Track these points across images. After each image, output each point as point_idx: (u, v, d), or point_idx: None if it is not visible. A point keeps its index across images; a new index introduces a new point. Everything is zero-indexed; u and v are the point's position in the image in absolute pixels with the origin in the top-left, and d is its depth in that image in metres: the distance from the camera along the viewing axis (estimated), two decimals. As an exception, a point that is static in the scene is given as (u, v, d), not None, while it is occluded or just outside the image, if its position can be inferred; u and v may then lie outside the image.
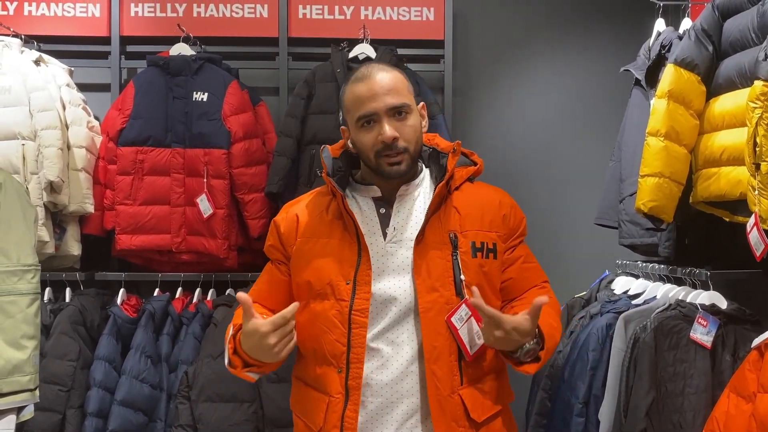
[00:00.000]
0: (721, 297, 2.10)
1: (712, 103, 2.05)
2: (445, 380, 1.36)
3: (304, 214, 1.49)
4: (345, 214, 1.43)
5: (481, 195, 1.53)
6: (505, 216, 1.52)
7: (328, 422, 1.37)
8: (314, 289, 1.41)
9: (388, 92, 1.40)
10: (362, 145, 1.43)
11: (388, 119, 1.39)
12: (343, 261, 1.40)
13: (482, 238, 1.45)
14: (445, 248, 1.41)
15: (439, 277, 1.38)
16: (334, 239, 1.43)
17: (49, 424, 2.46)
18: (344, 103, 1.46)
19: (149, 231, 2.78)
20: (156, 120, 2.79)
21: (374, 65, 1.46)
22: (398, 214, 1.45)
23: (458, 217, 1.45)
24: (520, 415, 2.90)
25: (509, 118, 3.26)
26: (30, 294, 1.53)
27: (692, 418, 1.98)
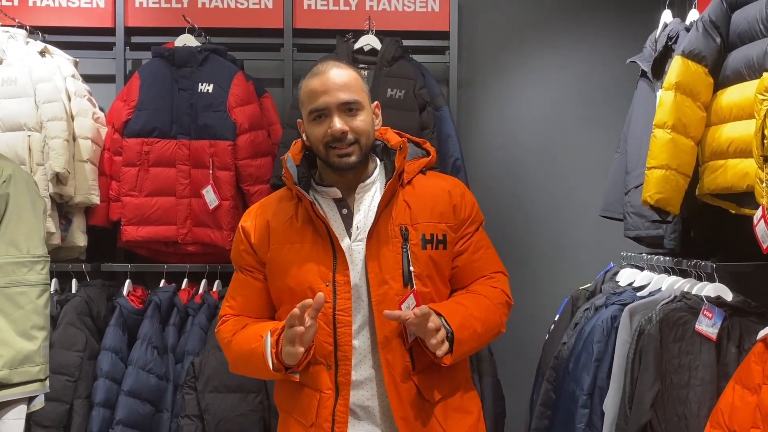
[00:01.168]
0: (726, 289, 2.10)
1: (719, 95, 2.04)
2: (397, 367, 1.43)
3: (274, 221, 1.52)
4: (316, 218, 1.47)
5: (432, 187, 1.55)
6: (455, 206, 1.55)
7: (320, 416, 1.43)
8: (296, 293, 1.44)
9: (341, 88, 1.44)
10: (314, 137, 1.47)
11: (339, 114, 1.44)
12: (320, 264, 1.44)
13: (432, 230, 1.49)
14: (396, 241, 1.46)
15: (389, 269, 1.44)
16: (307, 243, 1.47)
17: (56, 414, 2.47)
18: (300, 96, 1.50)
19: (155, 222, 2.79)
20: (161, 111, 2.79)
21: (331, 62, 1.50)
22: (359, 212, 1.50)
23: (409, 211, 1.49)
24: (524, 406, 2.92)
25: (515, 109, 3.26)
26: (39, 285, 1.53)
27: (697, 410, 1.99)
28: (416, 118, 2.76)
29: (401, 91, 2.76)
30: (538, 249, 3.20)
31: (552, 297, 3.05)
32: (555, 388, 2.50)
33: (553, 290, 3.11)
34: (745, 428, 1.76)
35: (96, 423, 2.47)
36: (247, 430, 2.47)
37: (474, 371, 2.57)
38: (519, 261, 3.19)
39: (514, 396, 2.93)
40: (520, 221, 3.21)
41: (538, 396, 2.60)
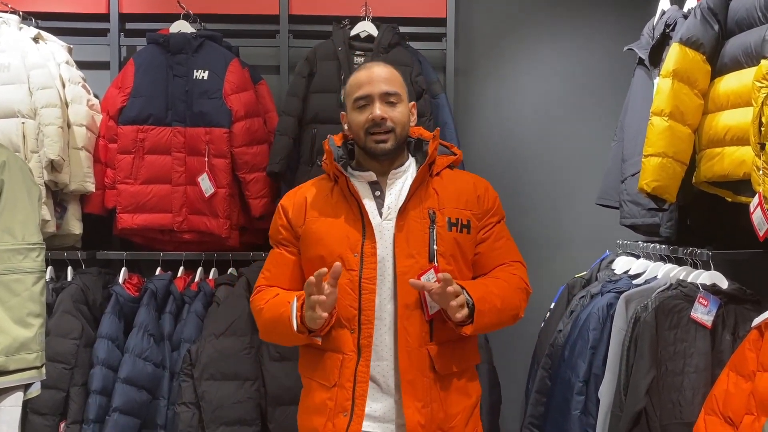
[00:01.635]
0: (722, 277, 2.11)
1: (716, 82, 2.04)
2: (415, 335, 1.56)
3: (311, 198, 1.69)
4: (349, 195, 1.63)
5: (459, 179, 1.73)
6: (479, 197, 1.71)
7: (342, 377, 1.55)
8: (326, 262, 1.57)
9: (384, 81, 1.63)
10: (355, 123, 1.64)
11: (380, 103, 1.61)
12: (350, 236, 1.59)
13: (457, 215, 1.65)
14: (424, 222, 1.61)
15: (416, 245, 1.59)
16: (340, 218, 1.62)
17: (53, 401, 2.48)
18: (346, 88, 1.69)
19: (150, 210, 2.78)
20: (156, 98, 2.77)
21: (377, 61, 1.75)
22: (390, 195, 1.66)
23: (437, 197, 1.66)
24: (520, 394, 2.94)
25: (512, 97, 3.25)
26: (35, 272, 1.53)
27: (692, 397, 2.00)
28: (413, 106, 2.75)
29: (398, 78, 2.74)
30: (534, 237, 3.20)
31: (548, 285, 3.06)
32: (551, 375, 2.51)
33: (549, 278, 3.11)
34: (740, 415, 1.77)
35: (93, 410, 2.48)
36: (243, 417, 2.48)
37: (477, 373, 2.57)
38: (515, 249, 3.19)
39: (510, 383, 2.95)
40: (516, 209, 3.21)
41: (533, 383, 2.61)
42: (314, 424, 1.59)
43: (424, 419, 1.54)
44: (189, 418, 2.47)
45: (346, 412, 1.54)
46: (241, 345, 2.52)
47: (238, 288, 2.62)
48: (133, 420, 2.51)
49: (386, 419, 1.57)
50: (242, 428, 2.47)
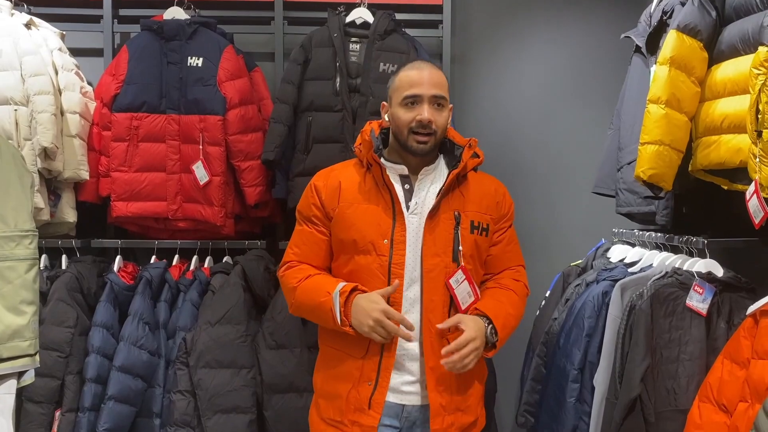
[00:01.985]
0: (717, 265, 2.11)
1: (713, 70, 2.03)
2: (433, 321, 1.69)
3: (345, 182, 1.78)
4: (383, 185, 1.74)
5: (482, 183, 1.84)
6: (498, 203, 1.85)
7: (370, 350, 1.68)
8: (359, 246, 1.71)
9: (435, 85, 1.72)
10: (400, 120, 1.72)
11: (429, 105, 1.70)
12: (381, 224, 1.70)
13: (479, 219, 1.78)
14: (450, 223, 1.73)
15: (442, 245, 1.70)
16: (373, 205, 1.73)
17: (48, 389, 2.47)
18: (395, 82, 1.77)
19: (145, 198, 2.76)
20: (150, 85, 2.75)
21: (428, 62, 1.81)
22: (419, 191, 1.76)
23: (462, 199, 1.77)
24: (515, 381, 2.94)
25: (508, 84, 3.23)
26: (28, 260, 1.52)
27: (686, 384, 2.00)
28: (409, 93, 2.73)
29: (394, 65, 2.72)
30: (530, 225, 3.20)
31: (543, 273, 3.06)
32: (546, 363, 2.52)
33: (545, 266, 3.11)
34: (734, 402, 1.78)
35: (88, 398, 2.48)
36: (239, 405, 2.48)
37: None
38: (511, 237, 3.19)
39: (505, 371, 2.96)
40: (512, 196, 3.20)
41: (528, 371, 2.62)
42: (338, 390, 1.72)
43: (444, 401, 1.69)
44: (184, 406, 2.47)
45: (371, 381, 1.67)
46: (237, 333, 2.51)
47: (233, 276, 2.61)
48: (129, 408, 2.51)
49: (410, 396, 1.71)
50: (238, 416, 2.48)
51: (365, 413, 1.67)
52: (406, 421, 1.74)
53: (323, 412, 1.77)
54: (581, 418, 2.27)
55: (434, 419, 1.69)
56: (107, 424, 2.45)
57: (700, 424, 1.84)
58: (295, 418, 2.47)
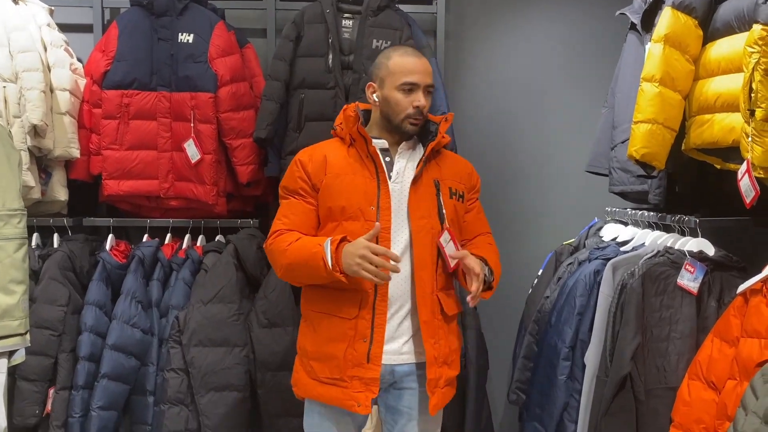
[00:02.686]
0: (708, 244, 2.11)
1: (708, 48, 2.01)
2: (428, 284, 1.84)
3: (331, 156, 1.89)
4: (367, 157, 1.87)
5: (454, 159, 2.04)
6: (469, 174, 2.02)
7: (362, 309, 1.79)
8: (347, 212, 1.83)
9: (429, 74, 1.89)
10: (399, 104, 1.85)
11: (424, 93, 1.86)
12: (367, 192, 1.84)
13: (456, 186, 1.94)
14: (431, 189, 1.89)
15: (427, 208, 1.86)
16: (358, 175, 1.86)
17: (41, 368, 2.48)
18: (389, 67, 1.87)
19: (137, 176, 2.75)
20: (141, 62, 2.72)
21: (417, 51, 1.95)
22: (399, 162, 1.91)
23: (439, 169, 1.94)
24: (507, 359, 2.96)
25: (502, 62, 3.21)
26: (17, 239, 1.51)
27: (676, 362, 2.02)
28: (402, 71, 2.71)
29: (387, 42, 2.69)
30: (523, 203, 3.20)
31: (536, 252, 3.07)
32: (537, 341, 2.54)
33: (538, 245, 3.12)
34: (722, 380, 1.80)
35: (81, 376, 2.49)
36: (232, 383, 2.49)
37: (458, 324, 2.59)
38: (504, 215, 3.19)
39: (497, 349, 2.97)
40: (505, 175, 3.20)
41: (520, 349, 2.63)
42: (333, 350, 1.80)
43: (437, 353, 1.82)
44: (178, 384, 2.48)
45: (365, 338, 1.78)
46: (229, 311, 2.52)
47: (225, 255, 2.61)
48: (122, 386, 2.53)
49: (403, 356, 1.84)
50: (231, 394, 2.49)
51: (365, 367, 1.77)
52: (393, 378, 1.87)
53: (318, 374, 1.84)
54: (572, 396, 2.29)
55: (430, 369, 1.81)
56: (101, 401, 2.46)
57: (689, 401, 1.86)
58: (288, 395, 2.47)
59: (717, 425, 1.78)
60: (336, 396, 1.82)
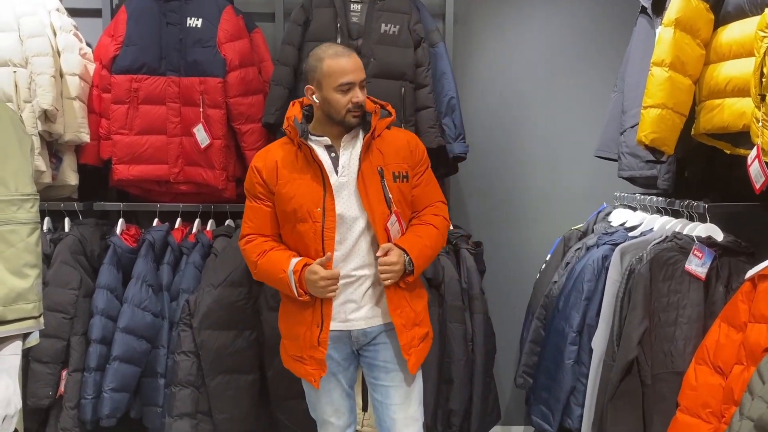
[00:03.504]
0: (717, 229, 2.11)
1: (719, 32, 2.00)
2: None
3: (281, 162, 2.03)
4: (312, 161, 1.99)
5: (395, 139, 2.09)
6: (411, 152, 2.10)
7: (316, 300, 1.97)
8: (298, 215, 1.99)
9: (361, 69, 1.99)
10: (338, 104, 1.97)
11: (360, 89, 1.97)
12: (314, 194, 1.98)
13: (398, 169, 2.04)
14: (376, 178, 2.00)
15: (375, 197, 1.99)
16: (305, 180, 2.00)
17: (54, 350, 2.52)
18: (323, 69, 1.97)
19: (146, 161, 2.76)
20: (150, 47, 2.72)
21: (344, 47, 2.04)
22: (344, 156, 2.03)
23: (381, 156, 2.03)
24: (514, 343, 2.98)
25: (511, 46, 3.19)
26: (30, 223, 1.52)
27: (683, 347, 2.03)
28: (411, 55, 2.70)
29: (395, 26, 2.69)
30: (531, 188, 3.19)
31: (544, 237, 3.07)
32: (545, 325, 2.55)
33: (546, 230, 3.12)
34: (729, 365, 1.80)
35: (93, 359, 2.52)
36: (242, 365, 2.52)
37: (465, 309, 2.60)
38: (512, 200, 3.19)
39: (505, 333, 2.99)
40: (514, 160, 3.19)
41: (528, 333, 2.65)
42: (297, 332, 2.03)
43: (403, 320, 2.01)
44: (188, 366, 2.51)
45: (318, 324, 1.98)
46: (239, 295, 2.54)
47: (235, 239, 2.63)
48: (133, 368, 2.56)
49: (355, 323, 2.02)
50: (241, 376, 2.52)
51: (316, 349, 1.99)
52: (355, 343, 2.05)
53: (289, 351, 2.09)
54: (579, 380, 2.31)
55: (401, 335, 2.01)
56: (113, 383, 2.50)
57: (695, 385, 1.87)
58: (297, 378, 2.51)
59: (723, 409, 1.79)
60: (299, 370, 2.07)
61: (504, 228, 3.19)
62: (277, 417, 2.57)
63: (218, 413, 2.50)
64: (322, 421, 2.15)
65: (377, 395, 2.10)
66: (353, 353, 2.09)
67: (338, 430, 2.13)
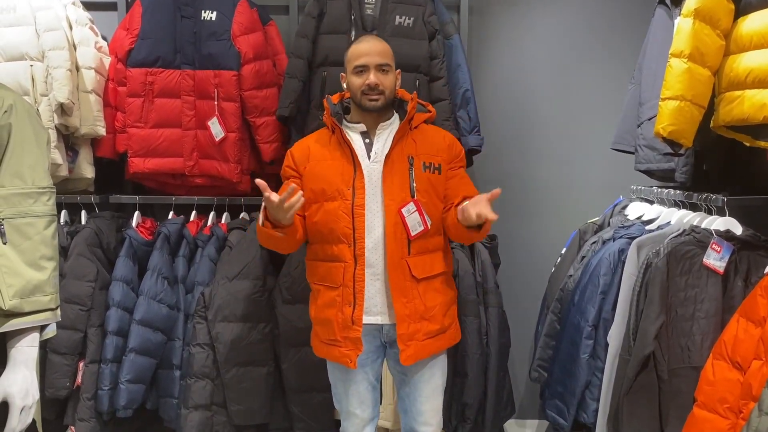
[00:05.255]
0: (736, 223, 2.08)
1: (740, 22, 1.96)
2: (397, 251, 2.01)
3: (314, 145, 2.12)
4: (343, 142, 2.05)
5: (432, 133, 2.16)
6: (449, 146, 2.14)
7: (345, 279, 2.01)
8: (327, 193, 2.03)
9: (378, 54, 2.04)
10: (353, 85, 2.05)
11: (375, 72, 2.02)
12: (344, 174, 2.03)
13: (431, 160, 2.08)
14: (405, 165, 2.04)
15: (400, 183, 2.02)
16: (336, 160, 2.06)
17: (71, 341, 2.54)
18: (347, 55, 2.08)
19: (162, 154, 2.77)
20: (164, 40, 2.73)
21: (373, 35, 2.14)
22: (377, 143, 2.08)
23: (415, 145, 2.08)
24: (529, 337, 2.97)
25: (527, 38, 3.16)
26: (46, 216, 1.53)
27: (700, 342, 2.01)
28: (425, 47, 2.68)
29: (410, 18, 2.67)
30: (547, 181, 3.17)
31: (560, 230, 3.05)
32: (560, 319, 2.53)
33: (562, 223, 3.10)
34: (748, 360, 1.78)
35: (110, 350, 2.55)
36: (256, 357, 2.54)
37: (480, 303, 2.59)
38: (528, 193, 3.17)
39: (520, 327, 2.98)
40: (529, 153, 3.17)
41: (543, 327, 2.63)
42: (327, 315, 2.04)
43: (408, 311, 2.01)
44: (203, 358, 2.53)
45: (350, 303, 2.00)
46: (254, 288, 2.55)
47: (250, 232, 2.64)
48: (149, 360, 2.58)
49: (379, 312, 2.03)
50: (255, 369, 2.53)
51: (351, 329, 2.00)
52: (386, 337, 2.07)
53: (321, 336, 2.10)
54: (594, 374, 2.29)
55: (400, 325, 2.01)
56: (129, 375, 2.52)
57: (713, 381, 1.86)
58: (311, 371, 2.52)
59: (741, 405, 1.77)
60: (334, 354, 2.07)
61: (519, 221, 3.17)
62: (290, 409, 2.58)
63: (233, 405, 2.51)
64: (347, 412, 2.15)
65: (406, 387, 2.13)
66: (382, 346, 2.10)
67: (362, 422, 2.14)
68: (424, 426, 2.14)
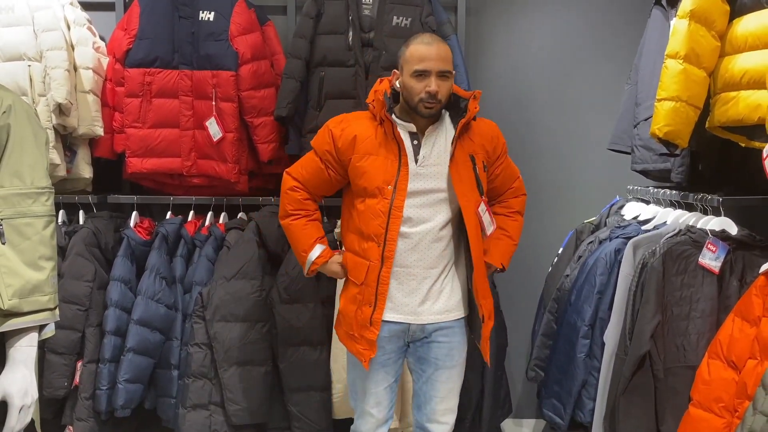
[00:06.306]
0: (731, 223, 2.10)
1: (735, 23, 1.98)
2: (477, 250, 2.02)
3: (360, 135, 2.02)
4: (392, 139, 1.99)
5: (483, 129, 2.11)
6: (496, 146, 2.13)
7: (368, 278, 1.99)
8: (368, 190, 2.00)
9: (442, 60, 1.94)
10: (412, 90, 1.95)
11: (436, 78, 1.93)
12: (387, 173, 1.98)
13: (484, 159, 2.08)
14: (468, 165, 2.02)
15: (468, 183, 2.01)
16: (381, 157, 2.00)
17: (69, 341, 2.55)
18: (405, 54, 1.98)
19: (160, 154, 2.78)
20: (162, 40, 2.73)
21: (436, 36, 2.04)
22: (426, 146, 2.01)
23: (472, 144, 2.05)
24: (526, 337, 2.98)
25: (524, 38, 3.17)
26: (45, 216, 1.53)
27: (696, 341, 2.02)
28: (422, 48, 2.69)
29: (407, 19, 2.68)
30: (544, 181, 3.18)
31: (556, 230, 3.06)
32: (557, 319, 2.55)
33: (558, 223, 3.11)
34: (743, 359, 1.80)
35: (108, 350, 2.55)
36: (254, 357, 2.54)
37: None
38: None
39: (517, 326, 2.99)
40: (526, 153, 3.17)
41: (540, 326, 2.65)
42: (350, 310, 2.05)
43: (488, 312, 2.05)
44: (201, 358, 2.53)
45: (371, 304, 1.98)
46: (252, 288, 2.56)
47: (248, 232, 2.64)
48: (147, 360, 2.58)
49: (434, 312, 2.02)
50: (254, 368, 2.54)
51: (368, 329, 1.99)
52: (410, 336, 2.05)
53: (344, 326, 2.10)
54: (591, 373, 2.31)
55: (486, 326, 2.05)
56: (127, 374, 2.52)
57: (708, 380, 1.87)
58: (309, 370, 2.53)
59: (736, 404, 1.78)
60: (352, 348, 2.06)
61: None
62: (289, 409, 2.59)
63: (231, 404, 2.52)
64: (362, 411, 2.14)
65: (423, 386, 2.11)
66: (405, 346, 2.08)
67: (377, 422, 2.12)
68: (437, 425, 2.12)
